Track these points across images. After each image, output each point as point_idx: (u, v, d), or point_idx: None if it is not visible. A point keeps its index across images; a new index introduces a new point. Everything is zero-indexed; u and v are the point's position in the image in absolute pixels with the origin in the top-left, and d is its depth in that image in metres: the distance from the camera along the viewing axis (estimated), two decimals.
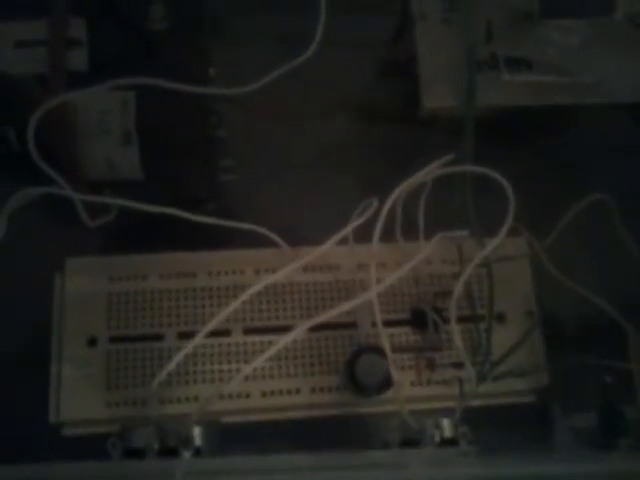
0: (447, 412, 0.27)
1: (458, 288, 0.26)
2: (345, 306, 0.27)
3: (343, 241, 0.31)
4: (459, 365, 0.31)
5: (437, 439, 0.24)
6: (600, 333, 0.31)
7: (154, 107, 0.29)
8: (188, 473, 0.18)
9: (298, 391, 0.31)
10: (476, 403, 0.30)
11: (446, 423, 0.25)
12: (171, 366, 0.26)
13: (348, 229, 0.28)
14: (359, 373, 0.28)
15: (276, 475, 0.19)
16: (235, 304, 0.27)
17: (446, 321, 0.31)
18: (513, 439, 0.29)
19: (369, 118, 0.37)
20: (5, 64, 0.27)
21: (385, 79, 0.37)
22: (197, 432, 0.24)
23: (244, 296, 0.28)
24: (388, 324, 0.31)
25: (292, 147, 0.35)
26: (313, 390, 0.31)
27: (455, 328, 0.26)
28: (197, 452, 0.24)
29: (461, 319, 0.31)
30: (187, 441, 0.23)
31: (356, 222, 0.28)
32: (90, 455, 0.28)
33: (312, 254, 0.29)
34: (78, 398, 0.30)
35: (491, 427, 0.29)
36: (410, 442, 0.24)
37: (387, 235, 0.31)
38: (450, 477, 0.18)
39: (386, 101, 0.37)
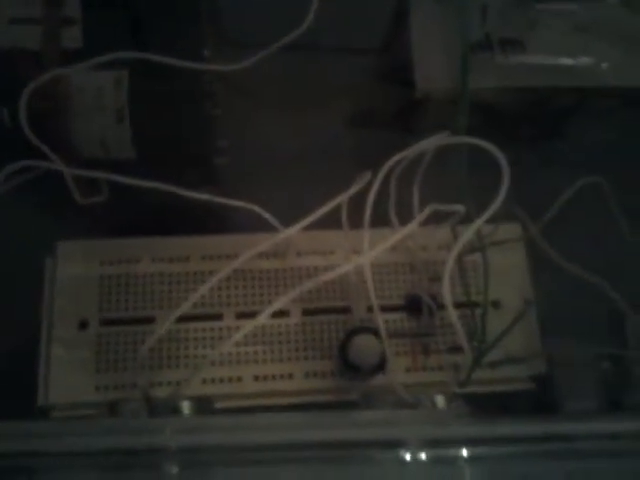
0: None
1: (450, 264, 0.26)
2: (335, 272, 0.26)
3: (338, 226, 0.31)
4: (454, 350, 0.31)
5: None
6: (598, 317, 0.31)
7: (147, 86, 0.29)
8: (178, 430, 0.18)
9: (291, 376, 0.30)
10: (472, 390, 0.30)
11: (440, 399, 0.24)
12: (154, 339, 0.26)
13: (340, 199, 0.28)
14: (352, 354, 0.27)
15: (266, 432, 0.18)
16: (204, 288, 0.27)
17: (440, 307, 0.31)
18: None
19: (364, 114, 0.37)
20: None
21: (380, 83, 0.37)
22: (186, 405, 0.23)
23: (213, 281, 0.28)
24: (383, 309, 0.30)
25: (285, 130, 0.35)
26: (307, 375, 0.30)
27: (451, 309, 0.26)
28: None
29: (456, 305, 0.31)
30: (175, 412, 0.23)
31: (348, 192, 0.28)
32: None
33: (271, 240, 0.29)
34: (68, 381, 0.29)
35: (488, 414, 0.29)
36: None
37: (381, 219, 0.31)
38: (444, 435, 0.18)
39: (381, 106, 0.37)
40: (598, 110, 0.35)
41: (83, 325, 0.30)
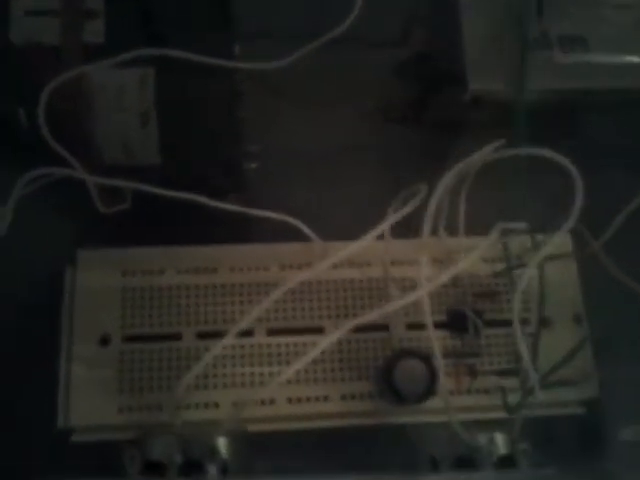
0: (495, 425, 0.24)
1: (522, 283, 0.24)
2: (395, 304, 0.24)
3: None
4: (503, 372, 0.28)
5: (493, 458, 0.22)
6: None
7: (174, 86, 0.26)
8: None
9: (327, 398, 0.28)
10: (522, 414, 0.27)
11: (501, 439, 0.22)
12: (199, 368, 0.24)
13: (392, 219, 0.25)
14: (398, 380, 0.25)
15: None
16: (266, 303, 0.25)
17: (487, 324, 0.29)
18: (564, 454, 0.26)
19: (392, 114, 0.35)
20: (15, 34, 0.25)
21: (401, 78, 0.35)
22: (222, 443, 0.21)
23: (277, 293, 0.25)
24: (422, 327, 0.28)
25: (311, 131, 0.32)
26: (344, 397, 0.28)
27: (519, 330, 0.23)
28: (224, 466, 0.21)
29: (503, 323, 0.29)
30: (212, 453, 0.20)
31: (403, 210, 0.25)
32: (102, 465, 0.26)
33: (346, 250, 0.26)
34: (89, 402, 0.27)
35: (540, 441, 0.27)
36: (463, 461, 0.22)
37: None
38: None
39: (410, 106, 0.35)
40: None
41: (104, 341, 0.28)
